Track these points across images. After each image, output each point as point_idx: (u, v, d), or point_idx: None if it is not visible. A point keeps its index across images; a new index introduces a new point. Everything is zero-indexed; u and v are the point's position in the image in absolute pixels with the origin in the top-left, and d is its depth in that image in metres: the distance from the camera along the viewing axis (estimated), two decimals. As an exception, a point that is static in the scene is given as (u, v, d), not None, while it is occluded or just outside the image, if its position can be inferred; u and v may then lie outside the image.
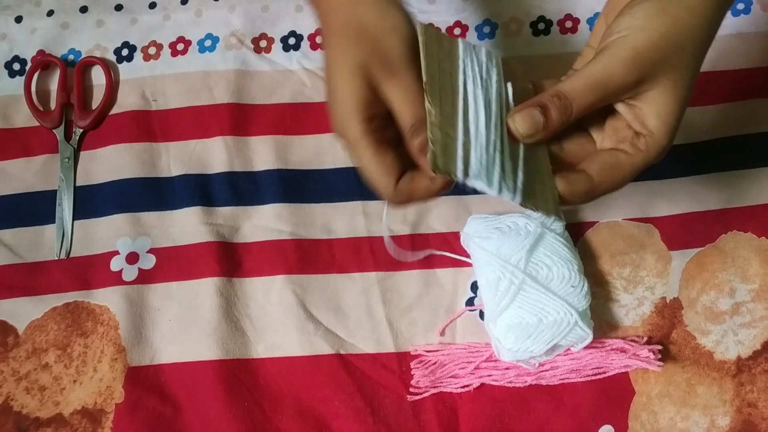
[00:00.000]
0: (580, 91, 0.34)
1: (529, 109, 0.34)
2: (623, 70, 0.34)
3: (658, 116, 0.34)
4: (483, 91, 0.35)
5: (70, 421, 0.46)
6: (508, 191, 0.33)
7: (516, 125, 0.35)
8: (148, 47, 0.56)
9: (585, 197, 0.35)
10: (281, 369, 0.47)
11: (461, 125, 0.34)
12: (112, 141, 0.53)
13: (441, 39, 0.36)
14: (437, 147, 0.32)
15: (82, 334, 0.48)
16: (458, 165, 0.32)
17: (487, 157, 0.33)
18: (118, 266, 0.50)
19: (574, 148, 0.37)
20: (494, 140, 0.34)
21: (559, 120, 0.34)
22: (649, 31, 0.34)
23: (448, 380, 0.46)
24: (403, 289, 0.48)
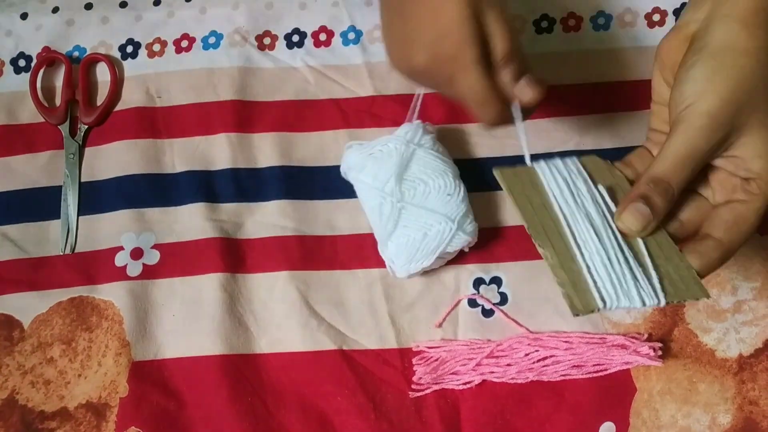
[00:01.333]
0: (673, 170, 0.34)
1: (633, 205, 0.34)
2: (705, 138, 0.34)
3: (759, 157, 0.34)
4: (580, 207, 0.35)
5: (74, 415, 0.47)
6: (651, 299, 0.33)
7: (627, 225, 0.35)
8: (152, 44, 0.56)
9: (720, 263, 0.35)
10: (284, 364, 0.47)
11: (578, 254, 0.34)
12: (117, 137, 0.54)
13: (519, 174, 0.37)
14: (569, 289, 0.33)
15: (86, 328, 0.49)
16: (595, 297, 0.33)
17: (617, 275, 0.33)
18: (123, 261, 0.50)
19: (690, 215, 0.36)
20: (614, 254, 0.34)
21: (664, 204, 0.34)
22: (714, 92, 0.34)
23: (449, 377, 0.46)
24: (405, 286, 0.49)
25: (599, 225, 0.35)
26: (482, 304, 0.48)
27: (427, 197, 0.46)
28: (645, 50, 0.53)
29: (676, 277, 0.34)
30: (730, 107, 0.33)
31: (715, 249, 0.35)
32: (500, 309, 0.48)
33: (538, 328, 0.47)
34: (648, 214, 0.34)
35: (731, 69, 0.34)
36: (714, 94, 0.34)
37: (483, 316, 0.48)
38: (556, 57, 0.54)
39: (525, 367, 0.46)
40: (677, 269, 0.34)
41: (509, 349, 0.46)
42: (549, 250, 0.34)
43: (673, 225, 0.36)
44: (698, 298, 0.34)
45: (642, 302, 0.33)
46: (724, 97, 0.33)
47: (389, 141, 0.48)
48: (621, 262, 0.34)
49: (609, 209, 0.36)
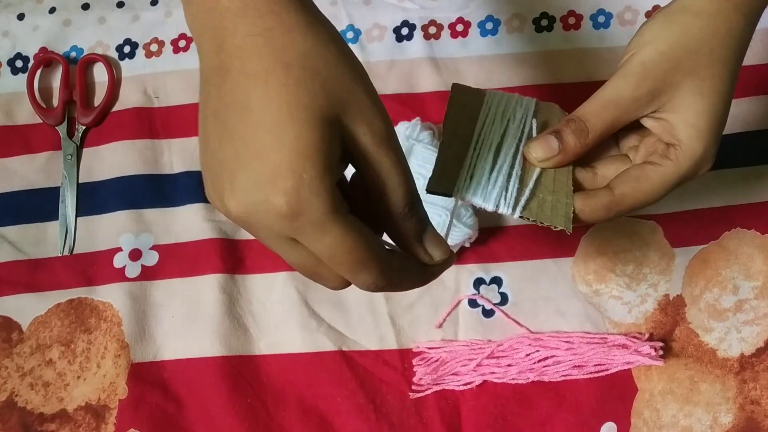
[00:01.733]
0: (594, 112, 0.34)
1: (545, 137, 0.35)
2: (632, 85, 0.33)
3: (685, 123, 0.34)
4: (501, 125, 0.36)
5: (74, 417, 0.47)
6: (506, 206, 0.34)
7: (531, 152, 0.35)
8: (150, 44, 0.56)
9: (606, 211, 0.34)
10: (284, 365, 0.47)
11: (469, 154, 0.35)
12: (115, 138, 0.53)
13: (471, 93, 0.37)
14: (437, 169, 0.34)
15: (85, 330, 0.49)
16: (454, 184, 0.33)
17: (489, 178, 0.34)
18: (121, 263, 0.50)
19: (609, 172, 0.36)
20: (501, 165, 0.35)
21: (575, 143, 0.34)
22: (654, 43, 0.33)
23: (450, 377, 0.46)
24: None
25: (508, 143, 0.36)
26: (483, 304, 0.48)
27: (425, 191, 0.45)
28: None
29: (548, 204, 0.34)
30: (664, 60, 0.33)
31: (604, 196, 0.34)
32: (501, 309, 0.48)
33: (538, 329, 0.47)
34: (554, 147, 0.34)
35: (678, 25, 0.33)
36: (652, 46, 0.33)
37: (483, 316, 0.48)
38: (556, 55, 0.54)
39: (526, 367, 0.45)
40: (556, 201, 0.34)
41: (510, 349, 0.46)
42: (447, 139, 0.35)
43: (587, 174, 0.36)
44: (555, 225, 0.33)
45: (495, 205, 0.33)
46: (661, 50, 0.33)
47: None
48: (500, 172, 0.34)
49: (528, 137, 0.36)
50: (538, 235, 0.49)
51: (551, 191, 0.35)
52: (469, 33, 0.55)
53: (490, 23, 0.55)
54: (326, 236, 0.25)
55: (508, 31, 0.55)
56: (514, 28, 0.55)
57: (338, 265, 0.26)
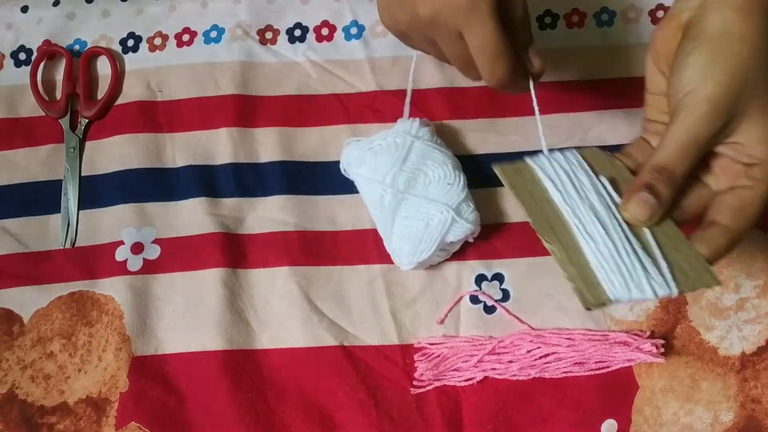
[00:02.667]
0: (676, 158, 0.34)
1: (638, 194, 0.34)
2: (706, 125, 0.33)
3: (762, 142, 0.34)
4: (583, 199, 0.35)
5: (74, 410, 0.47)
6: (663, 289, 0.32)
7: (633, 215, 0.34)
8: (153, 38, 0.56)
9: (728, 249, 0.35)
10: (285, 360, 0.47)
11: (585, 247, 0.33)
12: (118, 131, 0.53)
13: (520, 169, 0.36)
14: (579, 283, 0.32)
15: (86, 323, 0.49)
16: (605, 289, 0.32)
17: (626, 266, 0.33)
18: (123, 256, 0.50)
19: (692, 201, 0.36)
20: (621, 244, 0.33)
21: (669, 193, 0.34)
22: (713, 78, 0.33)
23: (451, 373, 0.46)
24: (407, 282, 0.48)
25: (604, 217, 0.34)
26: (484, 300, 0.48)
27: (427, 188, 0.46)
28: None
29: (685, 266, 0.33)
30: (730, 93, 0.33)
31: (722, 235, 0.34)
32: (502, 305, 0.48)
33: (540, 325, 0.47)
34: (654, 203, 0.34)
35: (729, 55, 0.33)
36: (713, 81, 0.33)
37: (485, 312, 0.48)
38: (559, 53, 0.54)
39: (527, 363, 0.45)
40: (686, 258, 0.33)
41: (511, 345, 0.46)
42: (556, 245, 0.33)
43: (675, 213, 0.36)
44: (710, 285, 0.33)
45: (654, 293, 0.32)
46: (723, 83, 0.33)
47: (388, 135, 0.48)
48: (629, 253, 0.33)
49: (613, 200, 0.35)
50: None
51: (674, 249, 0.34)
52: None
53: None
54: (484, 28, 0.36)
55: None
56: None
57: (484, 54, 0.36)
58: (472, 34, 0.36)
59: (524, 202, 0.35)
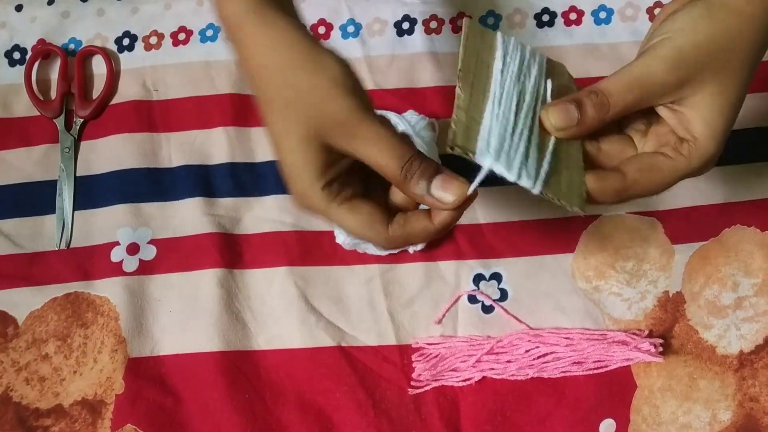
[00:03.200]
0: (619, 88, 0.33)
1: (565, 104, 0.34)
2: (664, 69, 0.33)
3: (704, 121, 0.33)
4: (518, 83, 0.34)
5: (70, 412, 0.46)
6: (528, 178, 0.32)
7: (549, 118, 0.34)
8: (149, 37, 0.56)
9: (616, 196, 0.34)
10: (282, 361, 0.47)
11: (489, 112, 0.32)
12: (113, 131, 0.53)
13: (484, 33, 0.35)
14: (459, 127, 0.31)
15: (82, 324, 0.48)
16: (477, 144, 0.31)
17: (510, 143, 0.32)
18: (119, 257, 0.50)
19: (613, 150, 0.36)
20: (522, 129, 0.33)
21: (594, 116, 0.33)
22: (693, 33, 0.33)
23: (449, 373, 0.46)
24: (404, 282, 0.48)
25: (525, 105, 0.34)
26: (482, 300, 0.48)
27: None
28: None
29: (564, 182, 0.33)
30: (700, 53, 0.32)
31: (615, 180, 0.34)
32: (500, 305, 0.48)
33: (538, 325, 0.47)
34: (574, 117, 0.33)
35: (718, 21, 0.33)
36: (690, 34, 0.33)
37: (483, 312, 0.48)
38: (556, 51, 0.53)
39: (525, 363, 0.45)
40: (570, 178, 0.33)
41: (509, 345, 0.46)
42: (466, 92, 0.32)
43: (591, 147, 0.35)
44: (572, 207, 0.33)
45: (518, 176, 0.31)
46: (698, 41, 0.32)
47: (393, 117, 0.47)
48: (521, 139, 0.32)
49: (543, 102, 0.35)
50: (539, 231, 0.49)
51: (565, 166, 0.33)
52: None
53: (491, 18, 0.55)
54: (331, 220, 0.33)
55: (509, 26, 0.55)
56: (516, 23, 0.55)
57: (352, 234, 0.34)
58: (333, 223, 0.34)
59: (466, 55, 0.34)
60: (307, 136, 0.31)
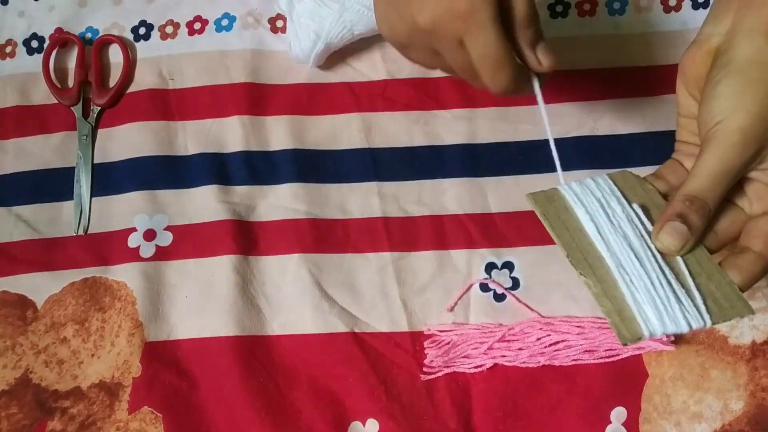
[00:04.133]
0: (708, 187, 0.34)
1: (670, 224, 0.34)
2: (738, 154, 0.33)
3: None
4: (617, 229, 0.34)
5: (87, 394, 0.47)
6: (697, 321, 0.32)
7: (665, 245, 0.34)
8: (165, 26, 0.56)
9: (762, 275, 0.35)
10: (296, 346, 0.47)
11: (619, 279, 0.33)
12: (130, 119, 0.53)
13: (551, 197, 0.36)
14: (614, 318, 0.32)
15: (99, 309, 0.49)
16: (640, 324, 0.32)
17: (661, 299, 0.33)
18: (136, 243, 0.50)
19: (726, 226, 0.36)
20: (656, 276, 0.33)
21: (701, 222, 0.34)
22: (744, 108, 0.33)
23: (461, 360, 0.46)
24: (417, 270, 0.49)
25: (638, 246, 0.34)
26: (494, 288, 0.48)
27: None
28: (660, 35, 0.53)
29: (718, 294, 0.33)
30: (761, 122, 0.33)
31: (755, 262, 0.34)
32: (512, 293, 0.48)
33: (550, 313, 0.47)
34: (686, 233, 0.34)
35: (759, 83, 0.33)
36: (744, 111, 0.33)
37: (495, 300, 0.48)
38: (570, 41, 0.53)
39: (536, 351, 0.46)
40: (719, 286, 0.34)
41: (521, 333, 0.46)
42: (591, 278, 0.33)
43: (708, 238, 0.36)
44: (743, 315, 0.33)
45: (688, 326, 0.32)
46: (754, 113, 0.33)
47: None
48: (663, 285, 0.33)
49: (645, 229, 0.35)
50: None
51: (707, 278, 0.34)
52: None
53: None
54: (485, 35, 0.34)
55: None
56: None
57: (485, 63, 0.35)
58: (473, 42, 0.34)
59: (557, 232, 0.34)
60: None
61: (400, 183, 0.51)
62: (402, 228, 0.49)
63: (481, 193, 0.50)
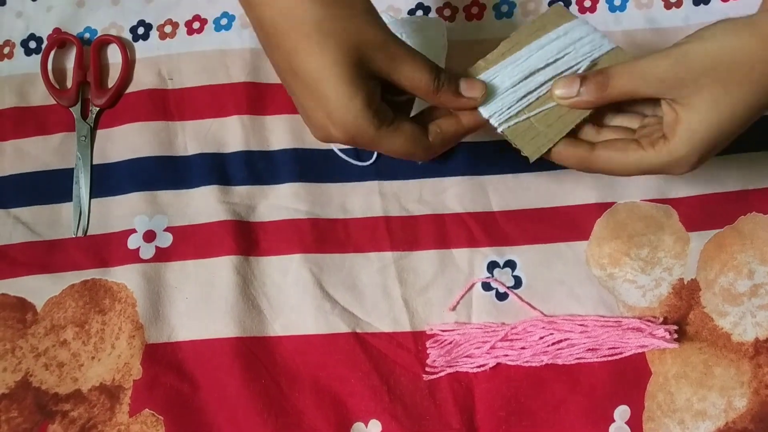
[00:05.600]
0: (622, 75, 0.36)
1: (573, 77, 0.37)
2: (666, 65, 0.34)
3: (687, 125, 0.35)
4: (553, 53, 0.39)
5: (88, 397, 0.47)
6: (497, 119, 0.37)
7: (554, 86, 0.37)
8: (164, 26, 0.56)
9: (577, 162, 0.38)
10: (298, 347, 0.47)
11: (498, 67, 0.38)
12: (129, 119, 0.53)
13: (564, 15, 0.40)
14: (471, 71, 0.38)
15: (99, 311, 0.49)
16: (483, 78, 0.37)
17: (505, 93, 0.37)
18: (136, 244, 0.50)
19: (609, 136, 0.39)
20: (522, 86, 0.38)
21: (592, 92, 0.37)
22: (707, 39, 0.34)
23: (463, 360, 0.46)
24: (419, 269, 0.48)
25: (551, 69, 0.38)
26: (496, 287, 0.48)
27: None
28: (662, 32, 0.53)
29: (533, 132, 0.38)
30: (705, 57, 0.34)
31: (582, 150, 0.38)
32: (514, 292, 0.47)
33: (552, 312, 0.47)
34: (574, 91, 0.37)
35: (737, 35, 0.34)
36: (704, 41, 0.34)
37: (497, 299, 0.48)
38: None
39: (539, 350, 0.45)
40: (543, 133, 0.38)
41: (523, 332, 0.46)
42: (501, 49, 0.39)
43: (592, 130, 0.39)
44: (523, 150, 0.37)
45: (489, 114, 0.37)
46: (708, 47, 0.34)
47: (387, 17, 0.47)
48: (516, 93, 0.38)
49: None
50: (552, 219, 0.49)
51: (548, 125, 0.38)
52: (484, 16, 0.54)
53: (505, 5, 0.54)
54: (379, 146, 0.35)
55: (524, 13, 0.54)
56: (530, 10, 0.54)
57: (402, 156, 0.36)
58: (380, 149, 0.36)
59: (529, 26, 0.39)
60: (353, 63, 0.33)
61: (401, 182, 0.50)
62: (403, 227, 0.49)
63: (482, 192, 0.50)
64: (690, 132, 0.35)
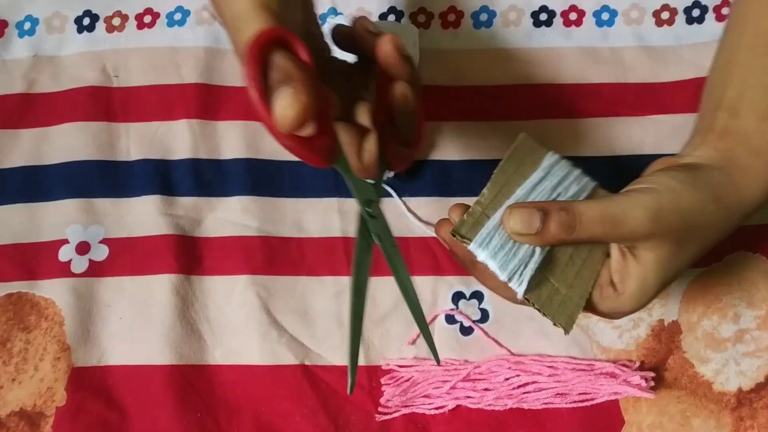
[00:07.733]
0: (592, 218, 0.33)
1: (531, 209, 0.33)
2: (642, 218, 0.32)
3: (640, 281, 0.34)
4: (548, 195, 0.35)
5: (6, 424, 0.43)
6: (518, 283, 0.33)
7: (509, 218, 0.33)
8: (112, 17, 0.52)
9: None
10: (239, 378, 0.44)
11: (501, 212, 0.34)
12: (67, 118, 0.50)
13: (535, 150, 0.37)
14: (469, 219, 0.34)
15: (24, 328, 0.45)
16: (477, 238, 0.33)
17: (511, 246, 0.33)
18: (67, 256, 0.46)
19: None
20: None
21: (555, 234, 0.33)
22: (678, 197, 0.33)
23: (421, 400, 0.43)
24: (377, 297, 0.45)
25: None
26: (461, 320, 0.44)
27: None
28: (651, 52, 0.50)
29: (559, 298, 0.34)
30: (676, 218, 0.33)
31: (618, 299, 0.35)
32: (480, 327, 0.44)
33: (520, 350, 0.44)
34: (534, 227, 0.33)
35: (698, 197, 0.33)
36: (676, 196, 0.33)
37: (461, 333, 0.44)
38: (554, 53, 0.50)
39: (504, 392, 0.42)
40: (568, 297, 0.34)
41: (488, 372, 0.43)
42: (492, 193, 0.34)
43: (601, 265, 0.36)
44: (556, 323, 0.34)
45: (508, 278, 0.33)
46: (680, 207, 0.33)
47: None
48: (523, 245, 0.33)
49: None
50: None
51: (569, 285, 0.34)
52: (462, 24, 0.51)
53: (485, 14, 0.51)
54: None
55: (504, 23, 0.51)
56: (511, 21, 0.51)
57: None
58: None
59: (507, 163, 0.35)
60: None
61: (362, 200, 0.47)
62: (363, 250, 0.46)
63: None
64: (640, 288, 0.34)
